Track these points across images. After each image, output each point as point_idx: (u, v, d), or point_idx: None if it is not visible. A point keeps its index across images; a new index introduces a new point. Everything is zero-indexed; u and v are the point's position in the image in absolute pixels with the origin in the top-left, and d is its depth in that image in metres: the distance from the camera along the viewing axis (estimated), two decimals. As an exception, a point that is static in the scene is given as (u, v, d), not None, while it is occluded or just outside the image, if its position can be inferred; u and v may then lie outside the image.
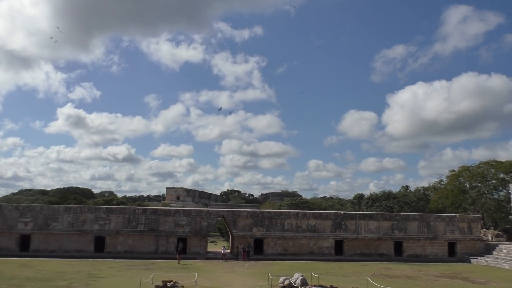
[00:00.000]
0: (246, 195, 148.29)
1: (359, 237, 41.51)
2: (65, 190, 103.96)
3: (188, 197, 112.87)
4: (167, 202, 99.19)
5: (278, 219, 41.12)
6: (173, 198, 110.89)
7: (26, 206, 40.57)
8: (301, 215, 41.94)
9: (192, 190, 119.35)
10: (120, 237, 38.90)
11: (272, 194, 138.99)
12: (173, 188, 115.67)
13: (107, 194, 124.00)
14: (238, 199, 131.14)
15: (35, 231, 38.21)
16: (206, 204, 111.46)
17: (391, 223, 42.39)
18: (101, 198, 79.30)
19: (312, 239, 41.00)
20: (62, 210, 39.21)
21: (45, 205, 41.48)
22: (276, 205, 78.03)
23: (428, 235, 42.56)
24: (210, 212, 41.25)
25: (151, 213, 40.02)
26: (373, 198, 65.34)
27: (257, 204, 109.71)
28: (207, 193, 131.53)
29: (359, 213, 44.22)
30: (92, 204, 58.17)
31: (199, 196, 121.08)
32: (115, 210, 40.13)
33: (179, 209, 41.99)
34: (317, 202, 79.55)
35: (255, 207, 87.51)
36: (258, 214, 41.50)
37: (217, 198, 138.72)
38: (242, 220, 40.66)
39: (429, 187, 67.38)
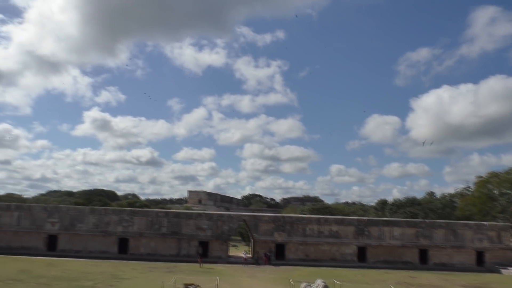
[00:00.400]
0: (267, 199, 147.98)
1: (382, 244, 40.69)
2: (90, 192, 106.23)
3: (209, 201, 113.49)
4: (189, 206, 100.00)
5: (300, 224, 40.79)
6: (194, 201, 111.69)
7: (54, 207, 41.68)
8: (323, 220, 41.47)
9: (214, 193, 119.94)
10: (143, 239, 39.42)
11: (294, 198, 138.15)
12: (195, 191, 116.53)
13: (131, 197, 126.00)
14: (260, 204, 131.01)
15: (61, 232, 39.20)
16: (227, 208, 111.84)
17: (416, 230, 41.37)
18: (125, 201, 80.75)
19: (334, 245, 40.45)
20: (88, 212, 40.10)
21: (71, 206, 42.53)
22: (298, 210, 77.49)
23: (455, 243, 41.31)
24: (232, 216, 41.31)
25: (174, 216, 40.40)
26: (397, 204, 64.02)
27: (278, 209, 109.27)
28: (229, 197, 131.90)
29: (383, 220, 43.37)
30: (116, 206, 59.24)
31: (220, 200, 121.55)
32: (139, 213, 40.74)
33: (201, 213, 42.25)
34: (339, 207, 78.54)
35: (276, 212, 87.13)
36: (279, 219, 41.29)
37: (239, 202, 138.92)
38: (264, 224, 40.53)
39: (456, 193, 65.47)
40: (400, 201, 64.85)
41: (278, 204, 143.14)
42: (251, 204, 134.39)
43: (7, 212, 39.29)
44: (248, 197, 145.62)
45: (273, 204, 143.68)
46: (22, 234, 39.02)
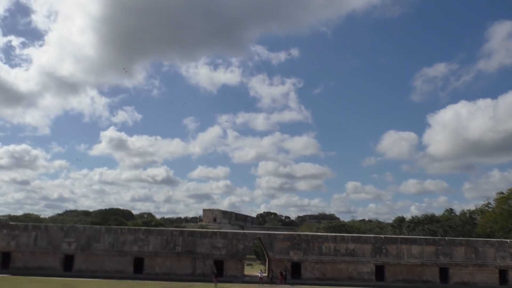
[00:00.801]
0: (282, 217, 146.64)
1: (401, 262, 39.72)
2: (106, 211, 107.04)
3: (224, 219, 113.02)
4: (204, 224, 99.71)
5: (316, 242, 40.20)
6: (209, 220, 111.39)
7: (70, 226, 42.06)
8: (339, 238, 40.80)
9: (229, 212, 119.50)
10: (158, 258, 39.34)
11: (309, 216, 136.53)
12: (210, 210, 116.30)
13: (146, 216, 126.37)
14: (275, 222, 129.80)
15: (78, 251, 39.43)
16: (242, 227, 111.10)
17: (435, 248, 40.32)
18: (140, 220, 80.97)
19: (351, 263, 39.65)
20: (104, 231, 40.33)
21: (87, 226, 42.85)
22: (313, 228, 76.52)
23: (476, 261, 40.06)
24: (247, 235, 41.01)
25: (188, 235, 40.32)
26: (415, 222, 62.73)
27: (293, 227, 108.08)
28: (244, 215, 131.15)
29: (401, 237, 42.45)
30: (132, 226, 59.45)
31: (235, 218, 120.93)
32: (154, 232, 40.79)
33: (216, 231, 42.07)
34: (355, 225, 77.31)
35: (291, 230, 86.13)
36: (295, 237, 40.80)
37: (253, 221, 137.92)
38: (279, 243, 40.08)
39: (476, 210, 63.90)
40: (418, 219, 63.58)
41: (293, 222, 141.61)
42: (266, 222, 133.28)
43: (24, 233, 39.80)
44: (263, 215, 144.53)
45: (288, 222, 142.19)
46: (39, 254, 39.37)
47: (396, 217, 70.93)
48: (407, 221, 65.77)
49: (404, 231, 62.65)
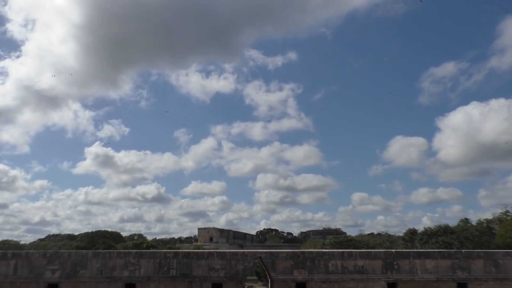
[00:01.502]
0: (284, 234, 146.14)
1: (414, 278, 39.45)
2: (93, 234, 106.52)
3: (221, 238, 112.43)
4: (200, 244, 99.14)
5: (321, 260, 39.94)
6: (205, 239, 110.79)
7: (54, 252, 41.59)
8: (346, 254, 40.57)
9: (226, 230, 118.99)
10: (151, 283, 38.90)
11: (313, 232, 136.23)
12: (206, 228, 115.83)
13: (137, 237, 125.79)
14: (276, 239, 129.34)
15: (62, 280, 38.92)
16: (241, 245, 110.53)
17: (452, 262, 40.11)
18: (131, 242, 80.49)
19: (361, 281, 39.35)
20: (91, 256, 39.90)
21: (73, 251, 42.39)
22: (318, 244, 76.22)
23: (497, 275, 39.83)
24: (246, 254, 40.71)
25: (183, 256, 39.96)
26: (428, 234, 62.65)
27: (297, 244, 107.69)
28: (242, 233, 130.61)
29: (413, 251, 42.25)
30: (121, 249, 58.98)
31: (233, 236, 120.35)
32: (146, 255, 40.42)
33: (213, 252, 41.74)
34: (363, 239, 77.10)
35: (295, 247, 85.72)
36: (298, 255, 40.53)
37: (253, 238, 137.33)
38: (282, 262, 39.79)
39: (494, 219, 63.92)
40: (431, 230, 63.51)
41: (296, 238, 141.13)
42: (266, 239, 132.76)
43: (2, 261, 39.28)
44: (263, 232, 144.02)
45: (291, 238, 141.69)
46: (20, 284, 38.81)
47: (408, 230, 70.80)
48: (419, 233, 65.66)
49: (416, 244, 62.49)
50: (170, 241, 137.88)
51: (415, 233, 67.33)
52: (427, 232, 63.51)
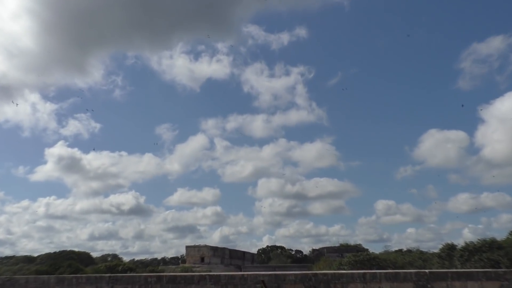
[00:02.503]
0: (292, 252, 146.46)
1: (454, 305, 39.46)
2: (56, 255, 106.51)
3: (215, 258, 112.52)
4: (188, 266, 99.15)
5: (338, 283, 39.87)
6: (195, 260, 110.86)
7: (7, 279, 41.50)
8: (369, 276, 40.51)
9: (221, 248, 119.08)
10: (129, 315, 38.87)
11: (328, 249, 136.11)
12: (196, 246, 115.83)
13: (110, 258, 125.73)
14: (282, 258, 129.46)
15: (20, 311, 38.89)
16: (239, 267, 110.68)
17: (500, 284, 40.04)
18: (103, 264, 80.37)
19: (388, 310, 39.35)
20: (54, 282, 39.81)
21: (31, 277, 42.31)
22: (334, 264, 76.12)
23: (555, 299, 39.86)
24: (246, 278, 40.65)
25: (168, 281, 39.89)
26: (469, 250, 62.45)
27: (307, 264, 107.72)
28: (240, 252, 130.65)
29: (452, 271, 42.17)
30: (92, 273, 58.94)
31: (229, 256, 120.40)
32: (122, 280, 40.34)
33: (205, 275, 41.68)
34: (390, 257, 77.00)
35: (305, 268, 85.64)
36: (310, 278, 40.48)
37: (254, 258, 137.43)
38: (289, 286, 39.74)
39: (552, 230, 63.86)
40: (474, 245, 63.30)
41: (307, 257, 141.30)
42: (270, 259, 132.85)
43: None
44: (267, 250, 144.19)
45: (301, 258, 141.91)
46: (-32, 316, 38.82)
47: (444, 245, 70.56)
48: (459, 249, 65.47)
49: (455, 262, 62.41)
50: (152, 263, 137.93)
51: (453, 249, 67.11)
52: (469, 247, 63.24)
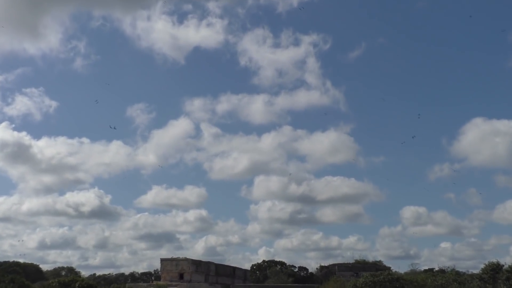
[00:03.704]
0: (295, 269, 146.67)
1: None
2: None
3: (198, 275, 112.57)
4: (164, 284, 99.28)
5: (353, 310, 40.00)
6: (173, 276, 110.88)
7: None
8: (392, 302, 40.63)
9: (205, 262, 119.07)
10: None
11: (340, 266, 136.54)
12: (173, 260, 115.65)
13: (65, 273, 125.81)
14: (282, 277, 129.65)
15: None
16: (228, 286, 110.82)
17: (555, 315, 40.27)
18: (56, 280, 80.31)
19: None
20: (-8, 302, 39.75)
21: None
22: (348, 285, 76.41)
23: None
24: (236, 301, 40.70)
25: (137, 303, 39.89)
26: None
27: (314, 285, 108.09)
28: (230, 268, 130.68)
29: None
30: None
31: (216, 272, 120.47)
32: (78, 300, 40.30)
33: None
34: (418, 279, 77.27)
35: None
36: (317, 303, 40.58)
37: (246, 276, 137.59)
38: (291, 313, 39.82)
39: None
40: (524, 265, 63.81)
41: (314, 276, 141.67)
42: (267, 277, 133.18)
43: None
44: (263, 267, 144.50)
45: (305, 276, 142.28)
46: None
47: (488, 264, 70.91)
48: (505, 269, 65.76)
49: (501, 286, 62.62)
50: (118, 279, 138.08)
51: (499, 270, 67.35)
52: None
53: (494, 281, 65.81)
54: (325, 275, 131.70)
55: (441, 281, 76.96)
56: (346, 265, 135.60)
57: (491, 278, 67.07)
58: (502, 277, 64.52)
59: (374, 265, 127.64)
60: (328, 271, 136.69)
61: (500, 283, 63.83)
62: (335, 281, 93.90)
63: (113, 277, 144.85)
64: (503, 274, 64.91)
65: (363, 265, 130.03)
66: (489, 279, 67.28)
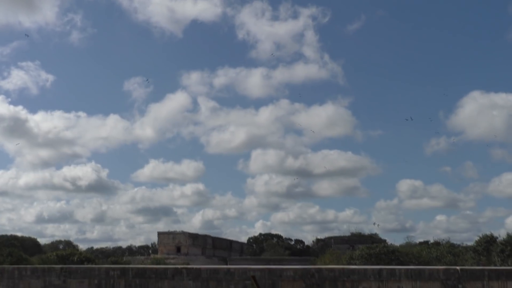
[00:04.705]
0: (291, 242, 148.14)
1: (490, 310, 40.27)
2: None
3: (194, 248, 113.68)
4: (161, 257, 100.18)
5: (348, 281, 40.46)
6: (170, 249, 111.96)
7: None
8: (386, 273, 41.09)
9: (202, 236, 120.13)
10: (85, 316, 39.45)
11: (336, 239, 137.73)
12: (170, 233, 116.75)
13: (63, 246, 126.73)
14: (278, 249, 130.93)
15: (-52, 309, 39.39)
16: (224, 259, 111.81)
17: (548, 286, 40.92)
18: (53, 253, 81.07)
19: (408, 315, 40.14)
20: (-9, 274, 40.24)
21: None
22: (344, 258, 77.14)
23: None
24: (233, 272, 41.15)
25: (135, 275, 40.33)
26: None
27: (310, 257, 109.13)
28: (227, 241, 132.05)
29: (489, 269, 42.88)
30: (39, 263, 59.45)
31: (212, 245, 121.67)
32: (77, 273, 40.73)
33: (181, 268, 42.17)
34: (413, 251, 78.07)
35: (307, 262, 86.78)
36: (313, 274, 41.04)
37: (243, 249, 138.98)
38: (287, 284, 40.31)
39: None
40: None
41: (310, 249, 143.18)
42: (263, 250, 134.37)
43: None
44: (259, 240, 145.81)
45: (302, 249, 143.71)
46: None
47: (482, 236, 71.47)
48: (499, 242, 66.28)
49: (495, 259, 63.22)
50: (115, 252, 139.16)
51: (493, 242, 67.90)
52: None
53: (488, 253, 66.45)
54: (321, 248, 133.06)
55: (435, 253, 77.83)
56: (342, 238, 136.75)
57: (485, 250, 67.70)
58: (496, 249, 65.06)
59: (370, 238, 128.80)
60: (324, 244, 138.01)
61: (494, 255, 64.41)
62: (331, 254, 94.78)
63: (111, 250, 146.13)
64: (497, 247, 65.42)
65: (359, 238, 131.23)
66: (483, 251, 67.92)
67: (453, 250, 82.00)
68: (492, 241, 68.40)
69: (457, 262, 66.08)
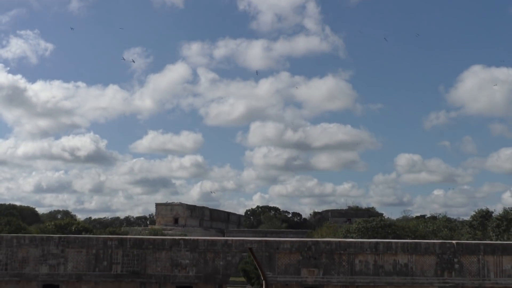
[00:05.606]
0: (288, 215, 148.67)
1: (485, 284, 40.58)
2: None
3: (192, 219, 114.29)
4: (158, 228, 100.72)
5: (344, 254, 40.80)
6: (168, 220, 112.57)
7: None
8: (383, 247, 41.43)
9: (199, 207, 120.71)
10: (83, 285, 39.69)
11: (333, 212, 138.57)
12: (168, 204, 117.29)
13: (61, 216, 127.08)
14: (276, 222, 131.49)
15: None
16: (222, 231, 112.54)
17: (542, 260, 41.15)
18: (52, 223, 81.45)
19: (404, 287, 40.44)
20: (-10, 243, 40.35)
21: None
22: (340, 231, 77.65)
23: None
24: (229, 244, 41.42)
25: (133, 246, 40.57)
26: (508, 218, 63.59)
27: (307, 230, 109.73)
28: (224, 213, 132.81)
29: (485, 243, 43.20)
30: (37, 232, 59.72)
31: (210, 217, 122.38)
32: (75, 242, 40.94)
33: (178, 239, 42.41)
34: (409, 225, 78.55)
35: (304, 235, 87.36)
36: (309, 247, 41.33)
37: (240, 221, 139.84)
38: (284, 256, 40.61)
39: None
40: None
41: (307, 221, 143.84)
42: (261, 223, 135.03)
43: None
44: (257, 212, 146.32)
45: (299, 222, 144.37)
46: None
47: (478, 211, 71.79)
48: (495, 217, 66.53)
49: (490, 233, 63.52)
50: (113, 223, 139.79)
51: (488, 217, 68.17)
52: (508, 215, 64.21)
53: (484, 228, 66.78)
54: (318, 221, 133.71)
55: (432, 227, 78.31)
56: (339, 211, 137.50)
57: (480, 225, 68.05)
58: (491, 224, 65.32)
59: (367, 211, 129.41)
60: (321, 217, 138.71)
61: (489, 230, 64.74)
62: (328, 227, 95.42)
63: (109, 221, 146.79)
64: (493, 221, 65.69)
65: (356, 212, 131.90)
66: (479, 226, 68.27)
67: (449, 224, 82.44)
68: (487, 216, 68.70)
69: (453, 236, 66.50)
